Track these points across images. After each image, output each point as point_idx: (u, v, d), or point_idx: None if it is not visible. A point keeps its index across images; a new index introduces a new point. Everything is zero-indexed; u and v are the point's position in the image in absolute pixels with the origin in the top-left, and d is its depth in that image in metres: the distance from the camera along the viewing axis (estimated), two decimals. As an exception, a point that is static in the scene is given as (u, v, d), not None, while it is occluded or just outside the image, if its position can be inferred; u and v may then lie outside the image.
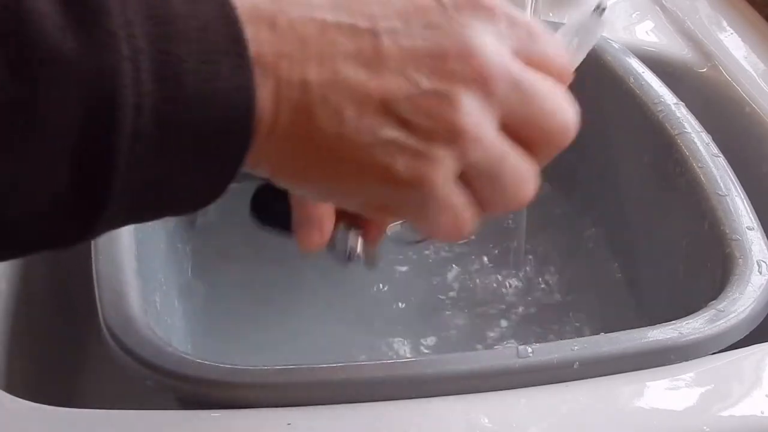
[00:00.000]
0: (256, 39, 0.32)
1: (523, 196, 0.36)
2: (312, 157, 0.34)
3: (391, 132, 0.34)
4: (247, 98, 0.31)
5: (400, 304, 0.66)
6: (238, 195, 0.74)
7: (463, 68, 0.34)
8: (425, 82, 0.34)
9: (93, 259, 0.52)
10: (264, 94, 0.32)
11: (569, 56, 0.38)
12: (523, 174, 0.36)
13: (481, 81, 0.34)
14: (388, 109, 0.34)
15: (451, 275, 0.68)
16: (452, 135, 0.34)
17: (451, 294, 0.67)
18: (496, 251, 0.70)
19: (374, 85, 0.33)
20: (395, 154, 0.34)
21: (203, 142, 0.31)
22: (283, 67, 0.32)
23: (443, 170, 0.34)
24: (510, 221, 0.71)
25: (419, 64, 0.34)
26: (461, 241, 0.34)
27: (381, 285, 0.67)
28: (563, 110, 0.36)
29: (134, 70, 0.29)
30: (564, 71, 0.37)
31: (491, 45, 0.34)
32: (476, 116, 0.34)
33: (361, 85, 0.33)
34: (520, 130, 0.35)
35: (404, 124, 0.34)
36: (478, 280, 0.68)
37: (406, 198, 0.35)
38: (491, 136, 0.34)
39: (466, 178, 0.35)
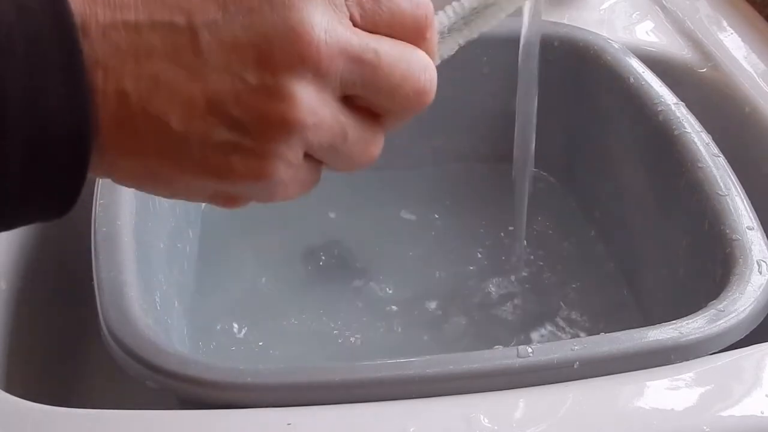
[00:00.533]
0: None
1: (368, 160, 0.35)
2: (148, 166, 0.33)
3: (222, 133, 0.32)
4: (79, 120, 0.30)
5: (400, 304, 0.66)
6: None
7: (290, 56, 0.32)
8: (251, 77, 0.32)
9: (93, 260, 0.52)
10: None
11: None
12: (367, 143, 0.34)
13: (311, 65, 0.32)
14: (216, 110, 0.32)
15: (450, 275, 0.68)
16: (287, 128, 0.32)
17: (451, 294, 0.67)
18: (496, 252, 0.70)
19: (198, 86, 0.32)
20: (230, 154, 0.33)
21: (33, 164, 0.30)
22: (98, 79, 0.31)
23: (282, 162, 0.33)
24: (510, 227, 0.71)
25: (243, 57, 0.32)
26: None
27: (381, 285, 0.67)
28: (413, 77, 0.33)
29: None
30: (421, 26, 0.34)
31: (320, 23, 0.32)
32: (309, 104, 0.32)
33: (183, 88, 0.32)
34: (367, 101, 0.33)
35: (236, 123, 0.32)
36: (477, 280, 0.68)
37: (251, 189, 0.34)
38: (328, 118, 0.33)
39: (311, 152, 0.33)
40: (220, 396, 0.45)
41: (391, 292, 0.67)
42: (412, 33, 0.34)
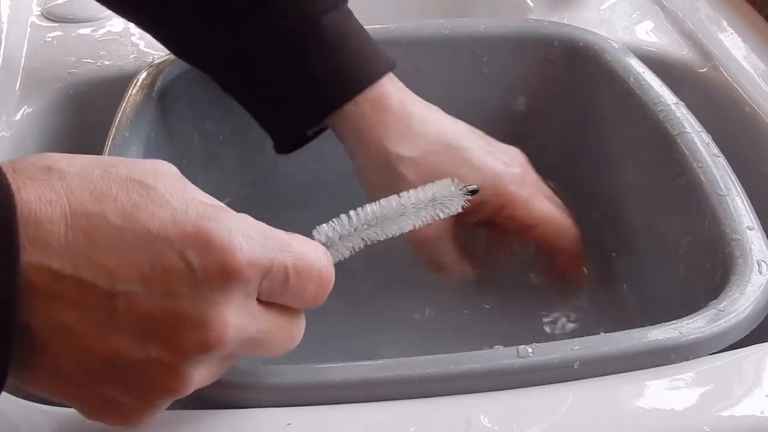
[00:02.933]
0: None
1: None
2: (36, 382, 0.37)
3: (106, 389, 0.36)
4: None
5: (400, 304, 0.66)
6: (239, 196, 0.74)
7: (197, 344, 0.36)
8: (154, 351, 0.35)
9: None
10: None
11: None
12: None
13: (213, 353, 0.36)
14: (110, 368, 0.36)
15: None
16: (168, 395, 0.37)
17: (450, 293, 0.66)
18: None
19: (100, 343, 0.35)
20: (110, 404, 0.37)
21: None
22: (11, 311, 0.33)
23: (153, 412, 0.38)
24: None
25: (152, 332, 0.35)
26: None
27: (382, 286, 0.67)
28: (284, 345, 0.41)
29: None
30: (312, 300, 0.40)
31: (231, 316, 0.36)
32: (199, 379, 0.38)
33: (84, 339, 0.35)
34: (245, 354, 0.40)
35: (124, 384, 0.36)
36: (475, 279, 0.67)
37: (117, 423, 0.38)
38: (206, 380, 0.39)
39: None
40: (220, 396, 0.45)
41: (391, 292, 0.67)
42: (310, 299, 0.41)
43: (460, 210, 0.47)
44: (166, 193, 0.36)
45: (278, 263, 0.38)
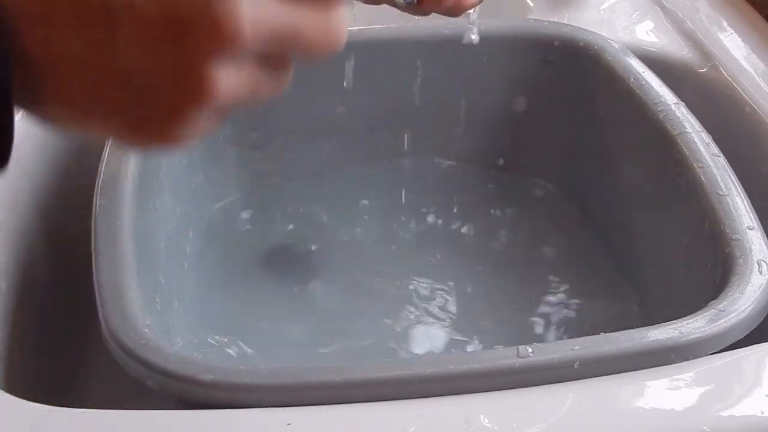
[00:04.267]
0: None
1: (278, 93, 0.35)
2: (59, 111, 0.34)
3: (131, 112, 0.33)
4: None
5: (400, 304, 0.66)
6: (239, 197, 0.74)
7: (211, 40, 0.31)
8: (166, 58, 0.32)
9: (93, 260, 0.52)
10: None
11: None
12: (276, 87, 0.35)
13: (230, 47, 0.32)
14: (126, 80, 0.32)
15: (448, 272, 0.68)
16: (198, 101, 0.33)
17: (450, 292, 0.67)
18: (495, 251, 0.70)
19: (110, 64, 0.32)
20: (137, 119, 0.33)
21: None
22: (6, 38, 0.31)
23: (189, 126, 0.33)
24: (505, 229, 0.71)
25: (158, 36, 0.31)
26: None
27: (382, 286, 0.67)
28: (325, 40, 0.34)
29: None
30: None
31: (246, 8, 0.31)
32: (226, 80, 0.32)
33: (94, 64, 0.32)
34: (279, 55, 0.34)
35: (145, 102, 0.33)
36: (476, 279, 0.68)
37: (158, 146, 0.34)
38: (241, 86, 0.33)
39: (222, 111, 0.34)
40: (220, 396, 0.45)
41: (392, 292, 0.67)
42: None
43: None
44: None
45: None
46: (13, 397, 0.46)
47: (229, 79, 0.32)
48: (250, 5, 0.31)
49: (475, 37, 0.56)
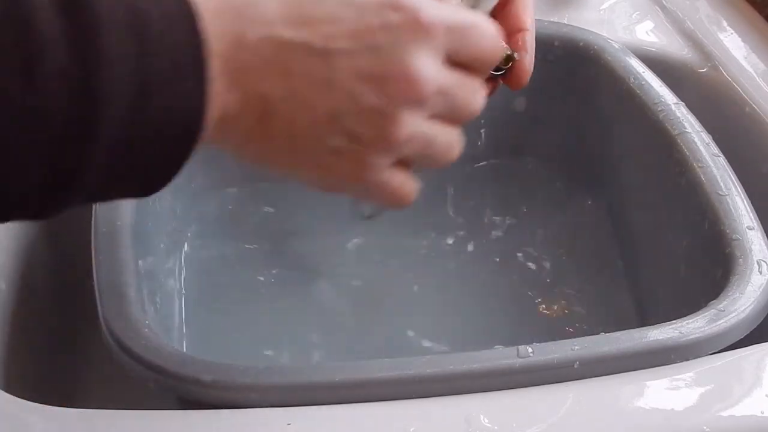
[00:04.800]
0: (224, 56, 0.37)
1: (451, 158, 0.44)
2: (271, 152, 0.41)
3: (336, 140, 0.40)
4: (199, 114, 0.37)
5: (400, 304, 0.66)
6: (240, 197, 0.74)
7: (401, 89, 0.40)
8: (369, 100, 0.39)
9: (93, 259, 0.52)
10: (230, 102, 0.38)
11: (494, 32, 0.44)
12: (449, 144, 0.43)
13: (415, 100, 0.40)
14: (335, 121, 0.39)
15: (448, 272, 0.68)
16: (389, 144, 0.40)
17: (450, 292, 0.67)
18: (497, 253, 0.70)
19: (324, 100, 0.39)
20: (340, 157, 0.40)
21: (159, 144, 0.37)
22: (248, 81, 0.38)
23: (381, 168, 0.41)
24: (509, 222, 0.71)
25: (364, 83, 0.39)
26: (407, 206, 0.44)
27: (382, 285, 0.67)
28: (475, 99, 0.43)
29: (114, 84, 0.34)
30: (490, 59, 0.43)
31: (426, 66, 0.40)
32: (410, 126, 0.40)
33: (312, 100, 0.39)
34: (443, 114, 0.42)
35: (349, 134, 0.40)
36: (476, 280, 0.68)
37: (353, 187, 0.42)
38: (421, 133, 0.41)
39: (405, 159, 0.42)
40: (220, 396, 0.45)
41: (392, 292, 0.67)
42: (480, 65, 0.43)
43: None
44: None
45: (458, 19, 0.41)
46: (13, 397, 0.46)
47: (413, 124, 0.41)
48: (434, 70, 0.40)
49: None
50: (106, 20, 0.34)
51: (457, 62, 0.42)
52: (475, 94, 0.43)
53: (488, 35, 0.43)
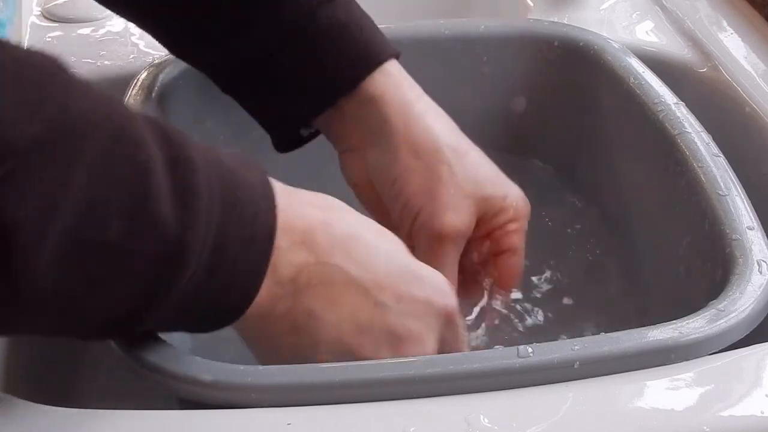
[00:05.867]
0: (287, 260, 0.44)
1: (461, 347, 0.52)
2: (265, 347, 0.48)
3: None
4: (248, 299, 0.44)
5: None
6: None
7: (410, 354, 0.47)
8: (384, 355, 0.47)
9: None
10: (266, 300, 0.44)
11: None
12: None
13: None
14: (344, 359, 0.46)
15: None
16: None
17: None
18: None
19: (354, 340, 0.46)
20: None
21: (213, 314, 0.44)
22: (305, 293, 0.45)
23: None
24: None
25: (389, 339, 0.46)
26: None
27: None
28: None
29: (198, 256, 0.40)
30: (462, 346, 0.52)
31: (433, 343, 0.48)
32: (433, 341, 0.49)
33: (345, 333, 0.45)
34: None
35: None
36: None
37: None
38: (434, 346, 0.50)
39: None
40: (220, 396, 0.45)
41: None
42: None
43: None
44: (406, 247, 0.49)
45: (461, 325, 0.51)
46: (13, 397, 0.46)
47: (435, 341, 0.49)
48: (432, 348, 0.48)
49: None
50: (204, 185, 0.40)
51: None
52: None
53: (464, 338, 0.52)
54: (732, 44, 0.76)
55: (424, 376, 0.46)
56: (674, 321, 0.48)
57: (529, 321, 0.64)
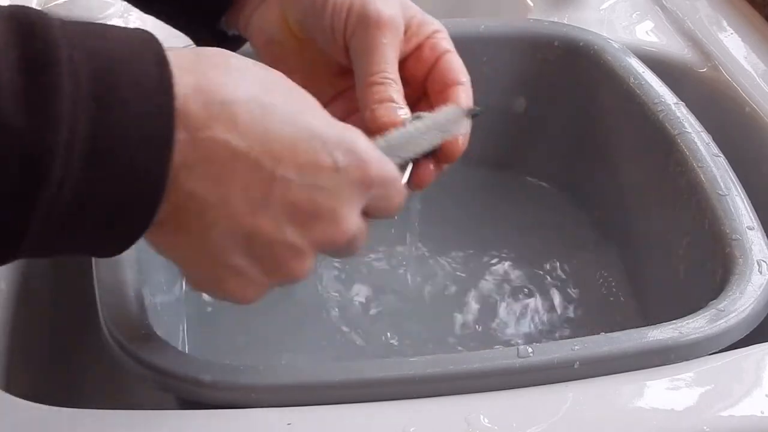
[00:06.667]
0: (176, 145, 0.37)
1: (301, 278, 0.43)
2: (174, 245, 0.40)
3: (239, 260, 0.40)
4: (158, 190, 0.37)
5: (400, 304, 0.66)
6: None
7: (328, 234, 0.41)
8: (289, 235, 0.40)
9: (93, 260, 0.52)
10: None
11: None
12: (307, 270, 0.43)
13: (333, 246, 0.42)
14: (248, 242, 0.40)
15: (448, 271, 0.68)
16: (288, 279, 0.41)
17: (448, 292, 0.67)
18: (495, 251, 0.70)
19: (250, 218, 0.39)
20: (233, 276, 0.41)
21: (111, 216, 0.37)
22: (182, 174, 0.37)
23: (264, 293, 0.42)
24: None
25: (293, 217, 0.40)
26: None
27: (382, 287, 0.67)
28: (357, 251, 0.44)
29: (67, 151, 0.34)
30: (392, 215, 0.45)
31: (351, 216, 0.41)
32: (312, 267, 0.42)
33: (238, 214, 0.39)
34: (332, 253, 0.44)
35: (254, 259, 0.40)
36: (476, 281, 0.68)
37: (228, 300, 0.43)
38: (309, 271, 0.42)
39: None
40: (220, 396, 0.45)
41: (392, 292, 0.67)
42: (386, 213, 0.44)
43: (465, 131, 0.49)
44: (319, 104, 0.42)
45: (389, 176, 0.43)
46: (13, 397, 0.46)
47: (312, 268, 0.42)
48: (355, 222, 0.42)
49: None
50: (67, 81, 0.34)
51: (367, 212, 0.43)
52: (364, 237, 0.44)
53: (402, 195, 0.44)
54: (732, 44, 0.76)
55: (424, 376, 0.46)
56: (674, 321, 0.48)
57: (529, 321, 0.64)
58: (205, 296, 0.65)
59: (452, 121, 0.49)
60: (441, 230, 0.72)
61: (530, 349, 0.47)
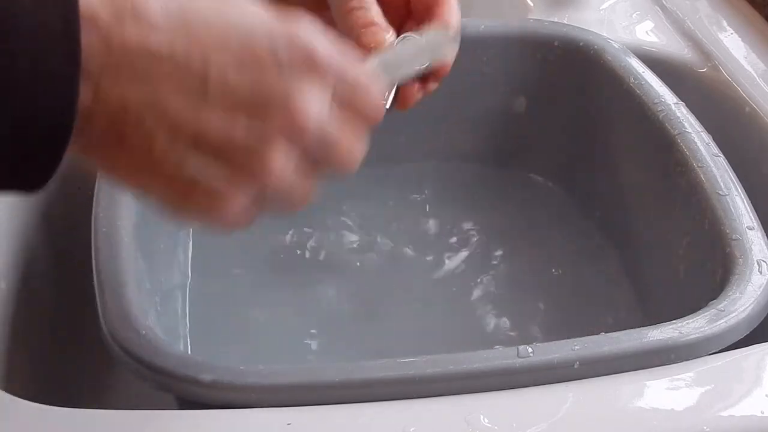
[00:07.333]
0: (86, 50, 0.33)
1: (299, 208, 0.40)
2: (124, 164, 0.36)
3: (196, 164, 0.36)
4: (71, 94, 0.33)
5: (402, 304, 0.66)
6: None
7: (280, 121, 0.36)
8: (241, 127, 0.36)
9: (93, 260, 0.52)
10: (81, 101, 0.34)
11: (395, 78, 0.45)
12: (305, 193, 0.39)
13: (295, 135, 0.37)
14: (199, 142, 0.36)
15: (448, 271, 0.68)
16: (254, 179, 0.37)
17: (448, 292, 0.67)
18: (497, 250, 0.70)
19: (191, 117, 0.35)
20: (196, 187, 0.37)
21: (23, 136, 0.33)
22: (105, 82, 0.34)
23: (236, 204, 0.38)
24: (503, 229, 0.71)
25: (241, 106, 0.36)
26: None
27: (383, 287, 0.67)
28: (352, 156, 0.39)
29: None
30: (373, 116, 0.40)
31: (311, 101, 0.37)
32: (281, 164, 0.37)
33: (178, 115, 0.35)
34: (315, 161, 0.39)
35: (211, 162, 0.36)
36: (477, 280, 0.68)
37: (203, 219, 0.39)
38: (287, 177, 0.38)
39: (260, 198, 0.38)
40: (220, 396, 0.45)
41: (391, 293, 0.67)
42: (364, 117, 0.40)
43: (453, 52, 0.49)
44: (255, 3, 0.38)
45: (352, 72, 0.39)
46: (13, 397, 0.46)
47: (282, 165, 0.37)
48: (319, 107, 0.37)
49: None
50: None
51: (340, 116, 0.39)
52: (356, 145, 0.40)
53: (375, 94, 0.40)
54: (732, 44, 0.76)
55: (424, 376, 0.46)
56: (674, 321, 0.48)
57: (529, 320, 0.64)
58: (205, 296, 0.66)
59: (440, 43, 0.48)
60: (440, 228, 0.72)
61: (530, 349, 0.47)
